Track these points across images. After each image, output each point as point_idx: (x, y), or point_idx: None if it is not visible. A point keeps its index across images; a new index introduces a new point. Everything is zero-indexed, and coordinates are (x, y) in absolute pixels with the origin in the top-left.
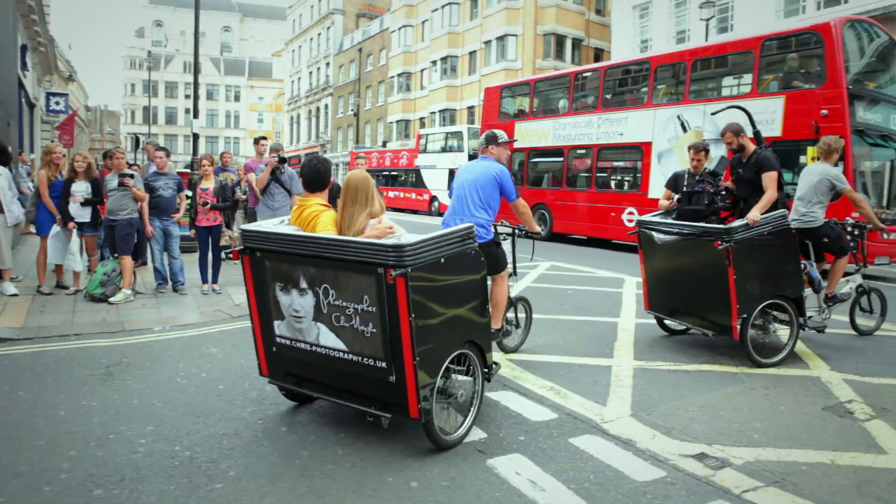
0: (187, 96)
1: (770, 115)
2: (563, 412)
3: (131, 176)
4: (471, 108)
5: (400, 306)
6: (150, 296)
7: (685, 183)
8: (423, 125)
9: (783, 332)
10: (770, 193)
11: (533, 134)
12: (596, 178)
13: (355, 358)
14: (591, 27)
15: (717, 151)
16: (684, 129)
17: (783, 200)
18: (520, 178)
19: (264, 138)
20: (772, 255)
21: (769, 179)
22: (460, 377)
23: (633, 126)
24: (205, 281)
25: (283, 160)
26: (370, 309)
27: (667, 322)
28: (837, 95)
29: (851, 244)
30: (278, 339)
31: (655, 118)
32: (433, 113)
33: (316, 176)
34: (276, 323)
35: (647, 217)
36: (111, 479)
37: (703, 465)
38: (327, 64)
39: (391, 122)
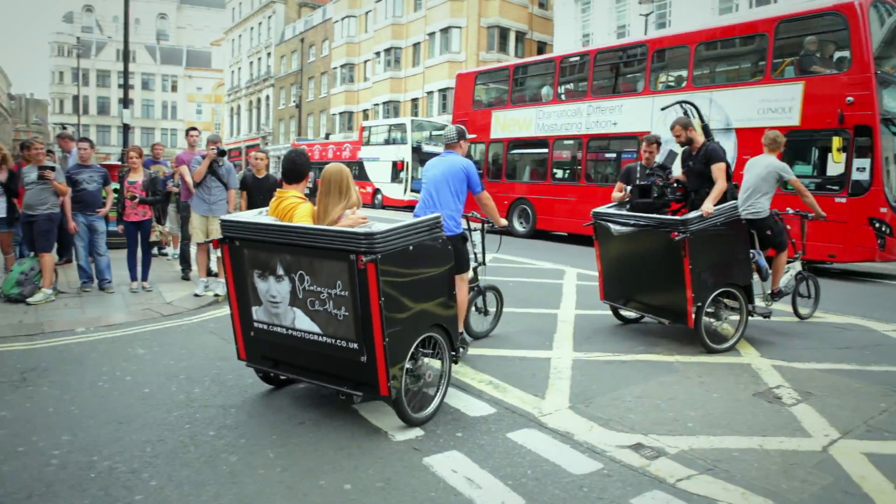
0: (121, 85)
1: (787, 103)
2: (502, 406)
3: (52, 168)
4: (415, 101)
5: (371, 290)
6: (73, 295)
7: (637, 176)
8: (366, 117)
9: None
10: (720, 184)
11: (513, 123)
12: (585, 171)
13: (329, 340)
14: (535, 20)
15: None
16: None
17: (732, 191)
18: (497, 170)
19: (195, 129)
20: (724, 245)
21: (718, 170)
22: (428, 360)
23: (628, 115)
24: (134, 279)
25: (222, 153)
26: (343, 293)
27: (622, 311)
28: (865, 81)
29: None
30: (256, 324)
31: (654, 106)
32: (377, 105)
33: (293, 168)
34: (253, 308)
35: (602, 209)
36: (16, 496)
37: (639, 456)
38: (268, 54)
39: (334, 114)
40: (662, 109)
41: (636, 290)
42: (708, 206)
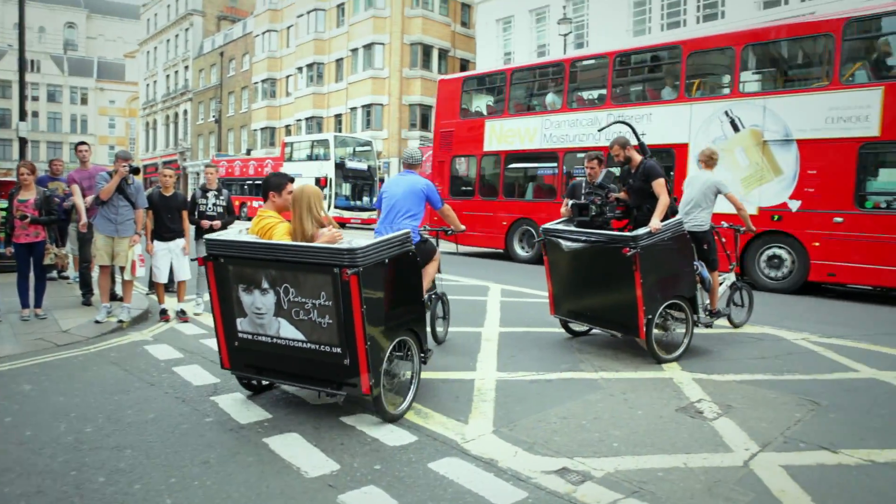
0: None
1: (861, 111)
2: (424, 434)
3: None
4: (338, 116)
5: (353, 300)
6: None
7: (582, 192)
8: (289, 133)
9: (680, 330)
10: (664, 199)
11: (512, 135)
12: None
13: (313, 346)
14: (457, 38)
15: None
16: (735, 128)
17: (672, 205)
18: (491, 187)
19: (84, 143)
20: (671, 259)
21: (659, 186)
22: (402, 362)
23: (660, 125)
24: (25, 305)
25: (135, 170)
26: (327, 303)
27: (571, 325)
28: None
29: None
30: (241, 335)
31: (693, 115)
32: (300, 120)
33: (266, 185)
34: (238, 320)
35: (551, 225)
36: None
37: (564, 482)
38: (186, 67)
39: (255, 130)
40: (599, 130)
41: (587, 304)
42: (656, 222)
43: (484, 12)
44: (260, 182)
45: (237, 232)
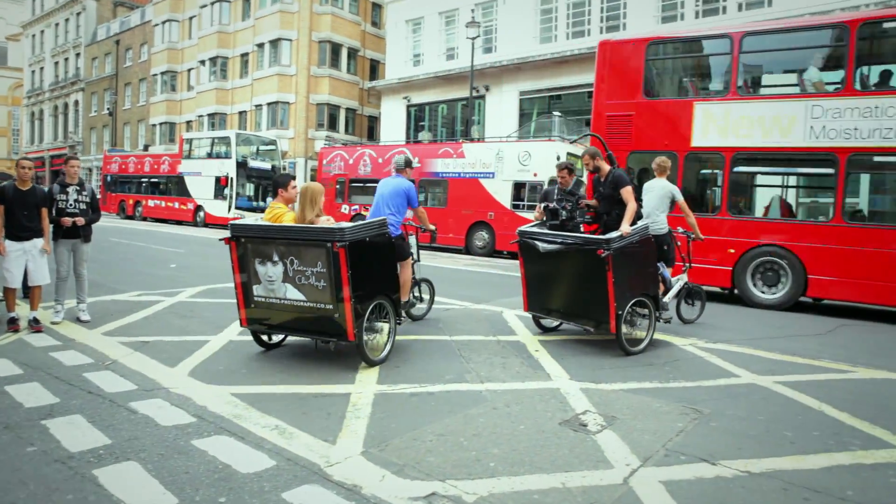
0: None
1: None
2: (284, 457)
3: None
4: (242, 113)
5: (342, 267)
6: None
7: (554, 198)
8: (190, 129)
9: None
10: (632, 205)
11: (744, 123)
12: None
13: (312, 304)
14: (367, 38)
15: None
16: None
17: (638, 211)
18: (707, 198)
19: None
20: (638, 260)
21: (627, 193)
22: (380, 322)
23: None
24: None
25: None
26: (322, 270)
27: (542, 321)
28: None
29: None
30: (256, 298)
31: None
32: (202, 116)
33: (275, 183)
34: (254, 287)
35: (526, 228)
36: None
37: None
38: (77, 55)
39: (154, 125)
40: (572, 142)
41: (560, 301)
42: (626, 226)
43: (394, 12)
44: (156, 180)
45: (254, 219)
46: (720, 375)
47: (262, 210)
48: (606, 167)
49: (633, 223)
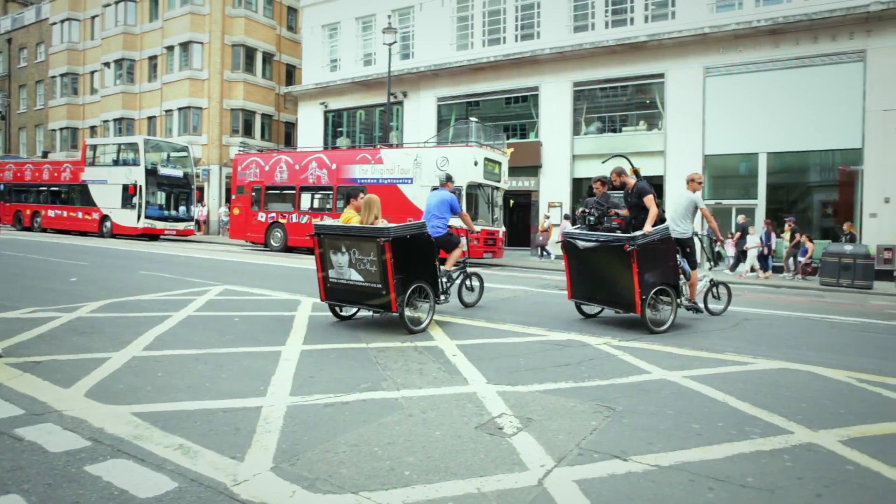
0: None
1: None
2: (188, 478)
3: None
4: (151, 119)
5: (388, 256)
6: None
7: (591, 206)
8: (94, 135)
9: (667, 309)
10: (653, 210)
11: None
12: None
13: (367, 284)
14: (283, 42)
15: None
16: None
17: (661, 214)
18: None
19: None
20: (660, 255)
21: (649, 201)
22: (421, 301)
23: None
24: None
25: None
26: (373, 258)
27: (583, 308)
28: None
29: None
30: (331, 279)
31: None
32: (107, 121)
33: (348, 195)
34: (329, 271)
35: (569, 229)
36: None
37: None
38: None
39: (54, 130)
40: (603, 163)
41: (597, 289)
42: (647, 227)
43: (310, 17)
44: (57, 188)
45: (331, 222)
46: (632, 372)
47: (175, 219)
48: (632, 181)
49: (656, 226)
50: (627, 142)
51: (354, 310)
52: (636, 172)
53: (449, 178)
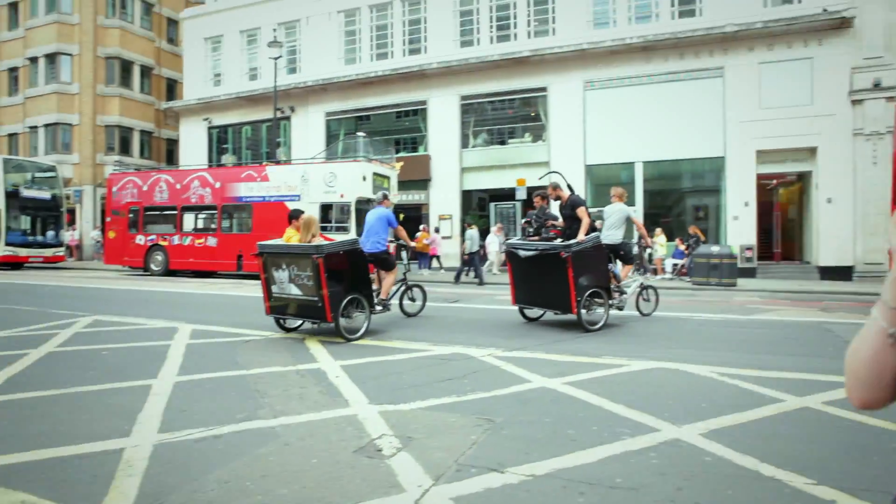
0: None
1: None
2: None
3: None
4: (13, 136)
5: (321, 271)
6: None
7: (530, 218)
8: None
9: (600, 310)
10: (586, 220)
11: None
12: None
13: (306, 297)
14: (163, 55)
15: None
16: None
17: (594, 224)
18: None
19: None
20: (592, 261)
21: (581, 212)
22: (357, 311)
23: None
24: None
25: None
26: (310, 273)
27: (526, 311)
28: None
29: (636, 257)
30: (274, 294)
31: None
32: None
33: (290, 216)
34: (272, 286)
35: (511, 240)
36: None
37: None
38: None
39: None
40: (540, 179)
41: (537, 294)
42: (580, 236)
43: (191, 29)
44: None
45: (274, 241)
46: (514, 383)
47: (42, 245)
48: (567, 194)
49: (589, 234)
50: (514, 153)
51: (298, 322)
52: (570, 187)
53: (385, 196)
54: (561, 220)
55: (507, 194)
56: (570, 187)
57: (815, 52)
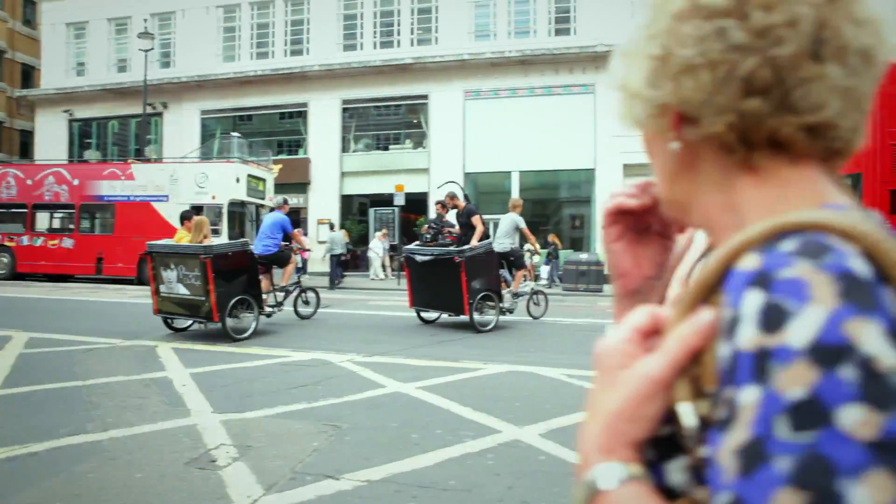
0: None
1: None
2: None
3: None
4: None
5: (209, 272)
6: None
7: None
8: None
9: (493, 313)
10: (480, 228)
11: None
12: None
13: (194, 297)
14: (18, 38)
15: None
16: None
17: (488, 232)
18: None
19: None
20: (484, 266)
21: (476, 220)
22: (245, 312)
23: None
24: None
25: None
26: (198, 274)
27: (422, 314)
28: None
29: (526, 263)
30: (162, 293)
31: None
32: None
33: (182, 217)
34: (161, 286)
35: (409, 246)
36: None
37: None
38: None
39: None
40: (438, 187)
41: (432, 297)
42: (473, 242)
43: (51, 12)
44: None
45: (164, 241)
46: (369, 388)
47: None
48: (462, 204)
49: (482, 241)
50: (395, 159)
51: (188, 322)
52: (466, 196)
53: (285, 202)
54: (457, 227)
55: (387, 200)
56: (466, 197)
57: None
